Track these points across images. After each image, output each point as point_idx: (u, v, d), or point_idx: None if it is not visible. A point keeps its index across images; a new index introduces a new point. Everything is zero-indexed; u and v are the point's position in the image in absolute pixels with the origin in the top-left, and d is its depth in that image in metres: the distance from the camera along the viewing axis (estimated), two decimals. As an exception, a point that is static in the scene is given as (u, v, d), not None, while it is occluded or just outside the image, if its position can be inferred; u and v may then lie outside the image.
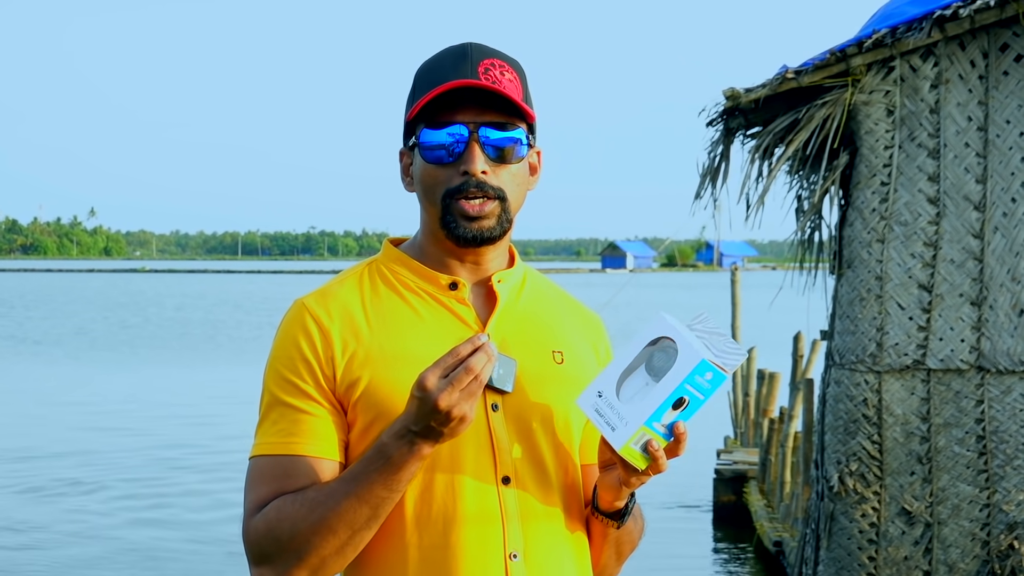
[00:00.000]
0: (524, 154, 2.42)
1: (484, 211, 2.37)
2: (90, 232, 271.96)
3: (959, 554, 7.43)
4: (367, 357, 2.36)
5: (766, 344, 20.12)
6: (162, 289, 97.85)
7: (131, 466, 18.41)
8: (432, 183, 2.39)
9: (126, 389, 28.19)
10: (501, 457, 2.35)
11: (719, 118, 7.64)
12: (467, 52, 2.39)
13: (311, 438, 2.34)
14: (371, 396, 2.34)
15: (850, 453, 7.52)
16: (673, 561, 13.07)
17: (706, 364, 2.23)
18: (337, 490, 2.27)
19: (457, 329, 2.40)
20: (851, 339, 7.51)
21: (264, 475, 2.35)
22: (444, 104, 2.37)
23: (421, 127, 2.39)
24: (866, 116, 7.41)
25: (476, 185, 2.36)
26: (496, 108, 2.38)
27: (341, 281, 2.46)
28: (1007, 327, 7.31)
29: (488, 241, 2.39)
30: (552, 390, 2.41)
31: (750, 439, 16.64)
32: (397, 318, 2.40)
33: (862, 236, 7.47)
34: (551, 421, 2.40)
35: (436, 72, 2.39)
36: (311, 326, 2.38)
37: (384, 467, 2.24)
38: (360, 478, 2.26)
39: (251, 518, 2.34)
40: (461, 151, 2.36)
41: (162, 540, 14.09)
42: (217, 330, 49.39)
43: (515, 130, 2.39)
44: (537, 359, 2.42)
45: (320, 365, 2.35)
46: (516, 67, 2.43)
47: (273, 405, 2.38)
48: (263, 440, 2.37)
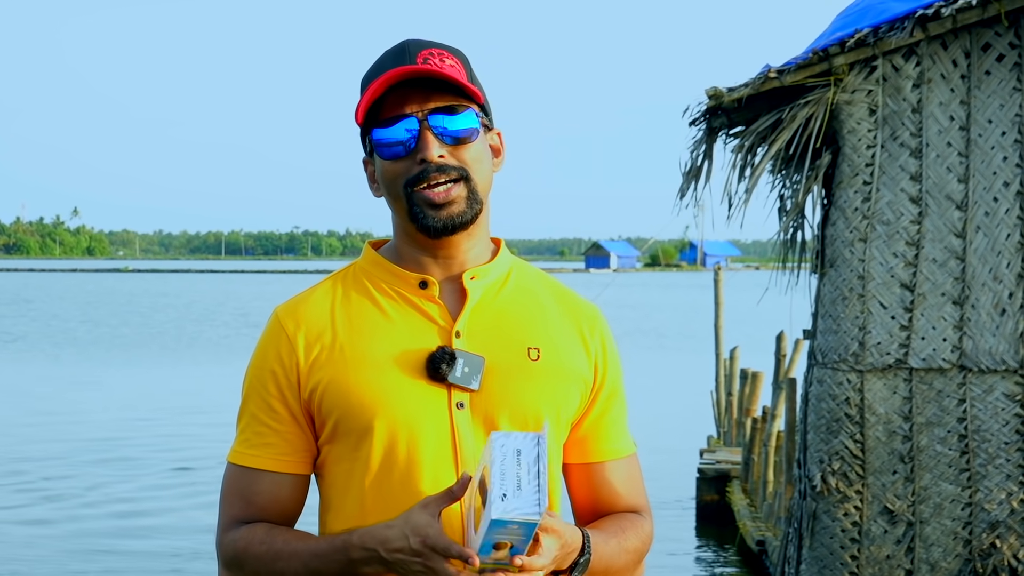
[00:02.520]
0: (476, 135, 2.40)
1: (451, 196, 2.36)
2: (73, 232, 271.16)
3: (941, 553, 7.44)
4: (329, 359, 2.38)
5: (749, 344, 20.13)
6: (144, 288, 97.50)
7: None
8: (393, 178, 2.39)
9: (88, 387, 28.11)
10: (463, 456, 2.35)
11: (702, 117, 7.63)
12: (405, 47, 2.40)
13: (269, 451, 2.40)
14: (331, 396, 2.36)
15: (832, 452, 7.52)
16: (656, 560, 13.08)
17: (498, 522, 2.15)
18: (299, 553, 2.32)
19: (425, 328, 2.40)
20: (833, 338, 7.51)
21: (232, 487, 2.42)
22: (391, 100, 2.37)
23: (372, 128, 2.39)
24: (848, 115, 7.42)
25: (437, 170, 2.35)
26: (443, 92, 2.38)
27: (315, 288, 2.48)
28: (989, 326, 7.32)
29: (460, 227, 2.38)
30: (524, 387, 2.40)
31: (733, 438, 16.66)
32: (364, 320, 2.41)
33: (844, 235, 7.48)
34: (522, 419, 2.39)
35: (378, 72, 2.39)
36: (280, 336, 2.41)
37: (345, 564, 2.29)
38: (321, 557, 2.31)
39: (225, 532, 2.41)
40: (415, 141, 2.36)
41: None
42: (183, 330, 49.18)
43: (465, 111, 2.38)
44: (510, 356, 2.41)
45: (285, 374, 2.39)
46: (457, 54, 2.43)
47: (244, 412, 2.44)
48: (234, 447, 2.44)
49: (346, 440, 2.37)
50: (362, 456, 2.35)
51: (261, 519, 2.39)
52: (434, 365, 2.35)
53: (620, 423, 2.56)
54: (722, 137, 7.73)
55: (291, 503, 2.42)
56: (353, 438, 2.36)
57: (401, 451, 2.34)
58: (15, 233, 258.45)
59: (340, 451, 2.38)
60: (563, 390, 2.44)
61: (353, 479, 2.36)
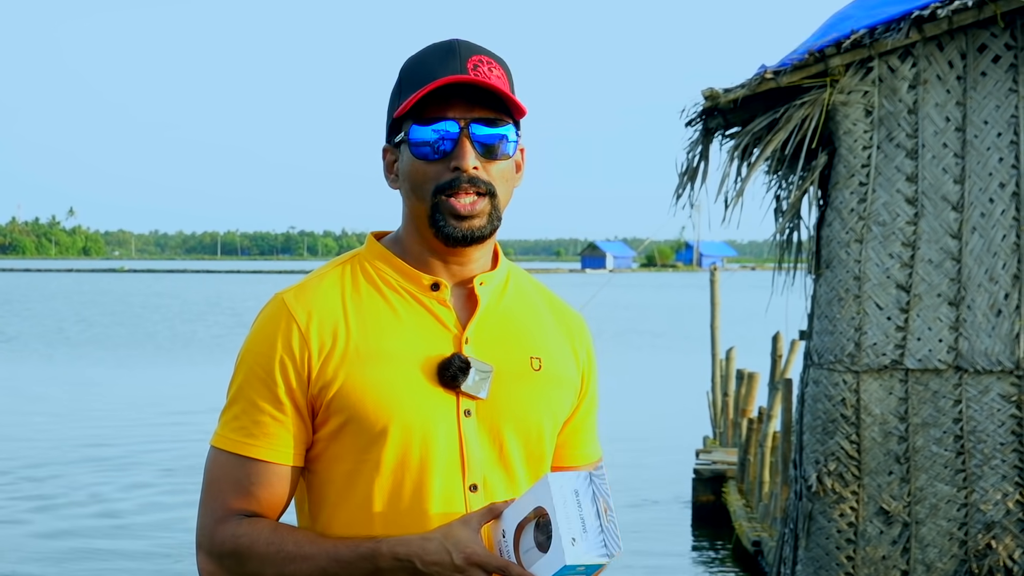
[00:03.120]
0: (513, 151, 2.40)
1: (475, 210, 2.35)
2: (69, 232, 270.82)
3: (937, 554, 7.44)
4: (343, 357, 2.34)
5: (745, 344, 20.15)
6: (140, 288, 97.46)
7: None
8: (421, 179, 2.37)
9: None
10: (470, 464, 2.35)
11: (698, 118, 7.64)
12: (455, 48, 2.38)
13: (270, 442, 2.35)
14: (344, 398, 2.33)
15: (828, 453, 7.53)
16: (652, 560, 13.08)
17: (571, 568, 2.18)
18: (314, 557, 2.29)
19: (436, 331, 2.38)
20: (829, 339, 7.52)
21: (225, 475, 2.36)
22: (433, 100, 2.35)
23: (410, 123, 2.37)
24: (844, 116, 7.42)
25: (468, 181, 2.34)
26: (486, 104, 2.37)
27: (322, 276, 2.44)
28: (985, 327, 7.33)
29: (477, 240, 2.37)
30: (527, 397, 2.40)
31: (729, 439, 16.67)
32: (376, 317, 2.38)
33: (840, 236, 7.48)
34: (525, 428, 2.40)
35: (424, 68, 2.37)
36: (290, 325, 2.37)
37: (371, 572, 2.26)
38: (343, 563, 2.28)
39: (220, 524, 2.35)
40: (451, 147, 2.35)
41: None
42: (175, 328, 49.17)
43: (504, 126, 2.37)
44: (515, 365, 2.41)
45: (295, 366, 2.34)
46: (503, 64, 2.42)
47: (239, 397, 2.38)
48: (224, 432, 2.38)
49: (354, 441, 2.34)
50: (372, 459, 2.33)
51: (259, 512, 2.36)
52: (451, 373, 2.34)
53: (594, 429, 2.60)
54: (718, 138, 7.73)
55: (285, 496, 2.38)
56: (364, 440, 2.33)
57: (414, 457, 2.33)
58: (11, 233, 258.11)
59: (344, 450, 2.36)
60: (560, 399, 2.46)
61: (359, 481, 2.34)
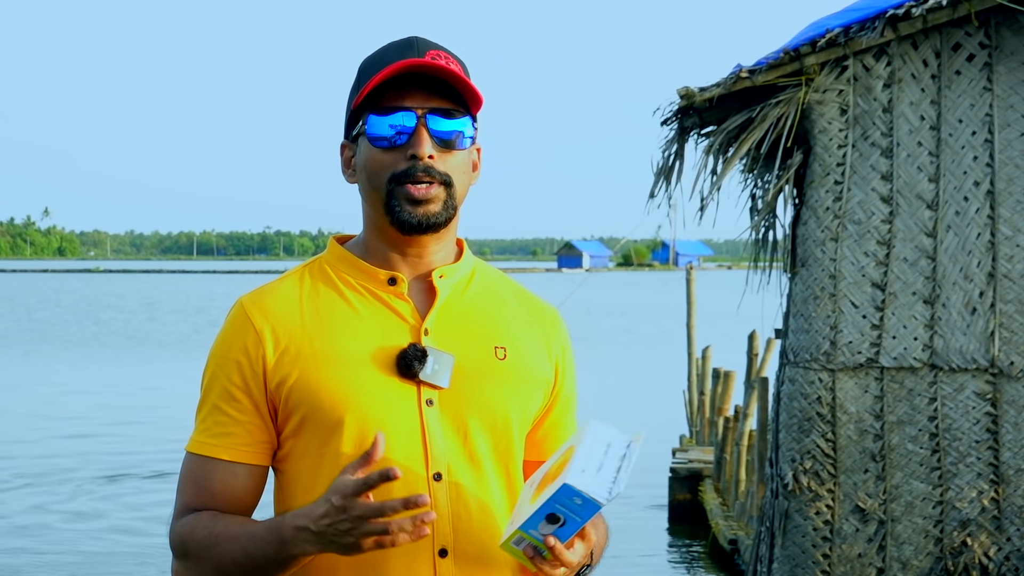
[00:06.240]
0: (468, 145, 2.42)
1: (429, 194, 2.36)
2: (44, 232, 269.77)
3: (912, 551, 7.46)
4: (298, 354, 2.37)
5: (721, 343, 20.17)
6: (113, 289, 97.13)
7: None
8: (377, 168, 2.39)
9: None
10: (433, 453, 2.36)
11: (673, 117, 7.64)
12: (413, 43, 2.41)
13: (229, 441, 2.39)
14: (300, 392, 2.36)
15: (804, 451, 7.54)
16: (628, 559, 13.09)
17: (570, 488, 2.19)
18: (238, 537, 2.31)
19: (394, 324, 2.40)
20: (805, 337, 7.53)
21: (188, 476, 2.41)
22: (391, 89, 2.38)
23: (367, 114, 2.39)
24: (820, 115, 7.43)
25: (423, 169, 2.36)
26: (443, 95, 2.39)
27: (282, 279, 2.47)
28: (960, 325, 7.35)
29: (432, 227, 2.38)
30: (492, 386, 2.41)
31: (705, 437, 16.70)
32: (333, 315, 2.40)
33: (816, 235, 7.49)
34: (491, 418, 2.41)
35: (382, 62, 2.39)
36: (245, 326, 2.40)
37: (278, 546, 2.28)
38: (257, 540, 2.29)
39: (176, 519, 2.40)
40: (408, 136, 2.37)
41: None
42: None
43: (462, 118, 2.40)
44: (477, 354, 2.42)
45: (252, 365, 2.38)
46: (461, 61, 2.44)
47: (205, 400, 2.42)
48: (194, 437, 2.42)
49: (313, 435, 2.36)
50: (331, 451, 2.35)
51: (214, 508, 2.38)
52: (406, 362, 2.36)
53: (575, 423, 2.60)
54: (694, 137, 7.74)
55: (245, 494, 2.40)
56: (321, 433, 2.35)
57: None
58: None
59: (305, 446, 2.37)
60: (527, 390, 2.46)
61: (321, 473, 2.35)
